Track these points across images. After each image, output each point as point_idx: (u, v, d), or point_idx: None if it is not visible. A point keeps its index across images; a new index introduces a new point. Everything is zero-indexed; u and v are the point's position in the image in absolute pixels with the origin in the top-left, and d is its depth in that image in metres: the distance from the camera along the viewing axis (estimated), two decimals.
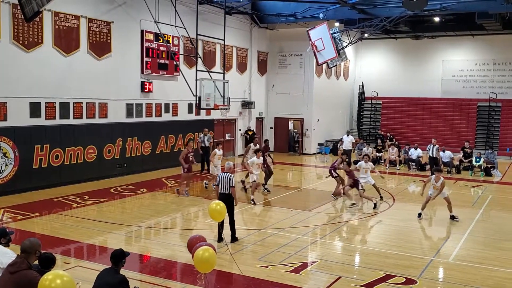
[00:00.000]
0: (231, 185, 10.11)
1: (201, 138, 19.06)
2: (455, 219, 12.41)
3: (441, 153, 20.54)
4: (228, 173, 10.29)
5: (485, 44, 28.16)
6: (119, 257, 5.82)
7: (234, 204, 10.33)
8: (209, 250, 6.51)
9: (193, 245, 7.16)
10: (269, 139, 27.23)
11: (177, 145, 20.53)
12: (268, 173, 15.94)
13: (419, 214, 12.67)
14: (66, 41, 15.60)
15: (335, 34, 23.40)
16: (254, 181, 14.10)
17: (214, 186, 13.54)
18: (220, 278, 8.33)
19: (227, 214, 9.64)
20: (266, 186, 15.74)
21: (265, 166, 15.73)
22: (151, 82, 18.91)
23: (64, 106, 15.74)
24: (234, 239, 10.16)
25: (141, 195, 14.69)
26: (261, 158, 14.77)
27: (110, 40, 17.13)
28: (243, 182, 16.24)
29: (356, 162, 15.58)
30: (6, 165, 14.00)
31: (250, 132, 25.41)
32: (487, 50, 28.27)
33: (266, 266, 8.77)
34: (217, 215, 8.66)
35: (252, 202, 13.77)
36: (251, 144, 17.27)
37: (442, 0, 19.60)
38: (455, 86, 29.23)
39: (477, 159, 20.74)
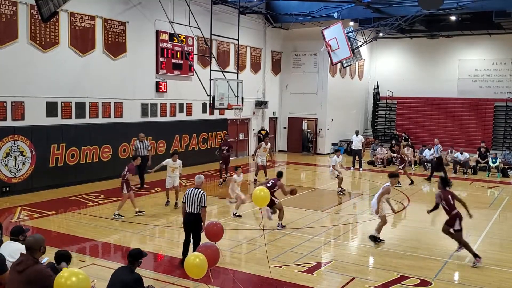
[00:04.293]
0: (202, 204, 8.61)
1: (136, 145, 15.86)
2: None
3: (458, 154, 20.67)
4: (199, 189, 8.77)
5: (503, 43, 27.68)
6: (136, 256, 5.87)
7: (202, 228, 8.54)
8: (199, 256, 6.36)
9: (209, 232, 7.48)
10: (283, 139, 27.31)
11: (191, 145, 20.64)
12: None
13: None
14: (82, 41, 15.77)
15: (350, 34, 23.26)
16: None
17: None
18: (238, 277, 8.35)
19: (191, 239, 8.76)
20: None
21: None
22: (166, 82, 19.02)
23: (80, 106, 15.92)
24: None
25: (156, 194, 14.77)
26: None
27: (125, 40, 17.27)
28: (255, 181, 16.57)
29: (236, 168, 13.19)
30: (23, 163, 14.21)
31: (263, 132, 25.41)
32: (505, 49, 27.79)
33: (280, 266, 8.76)
34: (261, 201, 8.54)
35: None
36: (263, 142, 17.57)
37: None
38: (471, 86, 28.82)
39: (493, 160, 20.46)
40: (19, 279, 4.94)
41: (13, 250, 5.75)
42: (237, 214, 12.28)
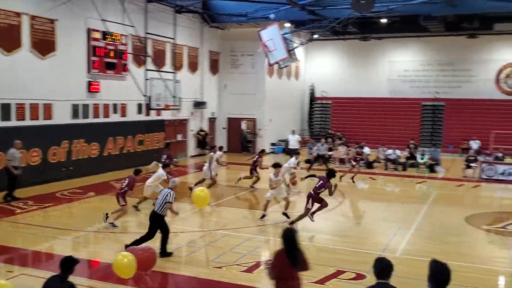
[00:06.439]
0: (167, 200, 9.18)
1: (14, 154, 13.79)
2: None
3: (391, 151, 21.60)
4: (168, 190, 9.47)
5: (430, 45, 29.29)
6: (68, 264, 5.62)
7: (174, 216, 9.70)
8: (128, 256, 6.47)
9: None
10: (222, 139, 27.17)
11: (126, 147, 20.04)
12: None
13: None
14: (6, 39, 14.88)
15: (286, 35, 23.60)
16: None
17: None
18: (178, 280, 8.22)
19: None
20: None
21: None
22: (98, 82, 18.36)
23: (5, 107, 15.01)
24: (166, 254, 9.21)
25: (89, 199, 14.22)
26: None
27: (54, 39, 16.50)
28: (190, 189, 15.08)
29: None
30: None
31: (202, 133, 25.21)
32: (432, 51, 29.42)
33: (220, 267, 8.72)
34: (201, 201, 8.48)
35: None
36: (214, 154, 15.61)
37: (389, 2, 20.20)
38: (401, 86, 30.21)
39: (422, 157, 21.58)
40: None
41: None
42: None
